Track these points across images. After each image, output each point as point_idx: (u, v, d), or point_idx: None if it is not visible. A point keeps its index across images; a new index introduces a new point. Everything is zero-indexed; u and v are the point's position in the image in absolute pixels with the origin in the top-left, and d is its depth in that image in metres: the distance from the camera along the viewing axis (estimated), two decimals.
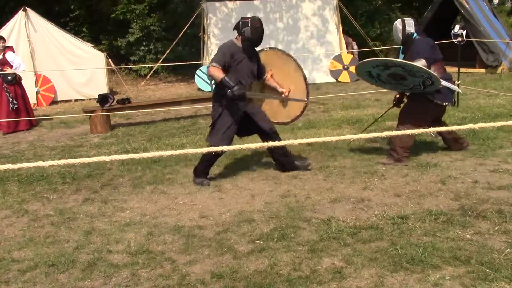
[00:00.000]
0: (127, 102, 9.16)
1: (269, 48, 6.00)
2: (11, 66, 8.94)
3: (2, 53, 9.08)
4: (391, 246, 3.66)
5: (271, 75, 5.58)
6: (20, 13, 12.05)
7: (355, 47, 15.91)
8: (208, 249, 3.79)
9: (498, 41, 13.77)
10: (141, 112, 9.91)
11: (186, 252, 3.76)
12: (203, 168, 5.43)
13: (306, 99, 5.63)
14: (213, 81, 5.47)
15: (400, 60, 5.37)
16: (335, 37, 15.11)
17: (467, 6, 14.18)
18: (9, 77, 8.87)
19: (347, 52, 14.94)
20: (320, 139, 2.68)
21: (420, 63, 5.32)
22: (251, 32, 5.14)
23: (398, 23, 5.75)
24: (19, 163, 6.33)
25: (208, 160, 5.37)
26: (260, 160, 6.07)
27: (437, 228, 3.92)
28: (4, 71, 8.82)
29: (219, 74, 5.05)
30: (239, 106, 5.20)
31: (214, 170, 5.75)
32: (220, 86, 5.13)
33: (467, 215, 4.13)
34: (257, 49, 5.46)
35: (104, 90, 11.94)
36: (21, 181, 5.69)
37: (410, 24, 5.65)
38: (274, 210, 4.51)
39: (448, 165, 5.49)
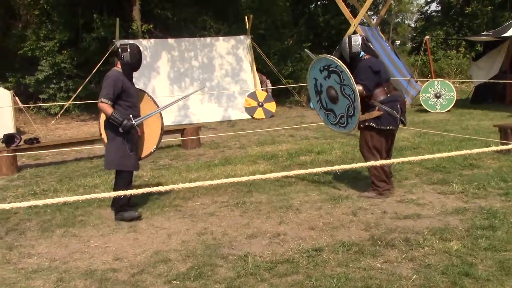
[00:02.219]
0: (35, 142, 8.75)
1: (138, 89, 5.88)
2: None
3: None
4: (306, 278, 3.72)
5: None
6: None
7: (269, 84, 16.37)
8: None
9: (400, 78, 14.72)
10: (51, 152, 9.51)
11: None
12: (124, 202, 5.38)
13: (155, 145, 5.80)
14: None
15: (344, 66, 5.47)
16: (249, 75, 15.49)
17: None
18: None
19: (262, 90, 15.32)
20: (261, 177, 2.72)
21: (357, 88, 5.42)
22: (130, 56, 5.37)
23: (345, 41, 5.81)
24: None
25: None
26: (175, 198, 6.00)
27: (350, 259, 4.05)
28: None
29: (108, 110, 5.19)
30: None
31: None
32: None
33: (377, 245, 4.31)
34: None
35: (11, 129, 11.38)
36: None
37: (357, 43, 5.71)
38: (191, 248, 4.45)
39: (359, 197, 5.72)
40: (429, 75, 18.23)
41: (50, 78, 16.09)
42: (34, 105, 14.95)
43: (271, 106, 14.89)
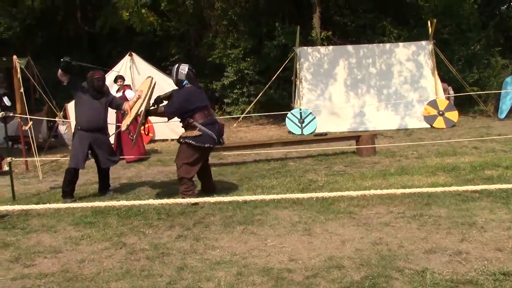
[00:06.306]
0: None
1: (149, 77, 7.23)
2: None
3: (122, 90, 9.90)
4: None
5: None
6: (126, 58, 12.98)
7: (451, 91, 15.43)
8: None
9: None
10: (232, 153, 10.16)
11: None
12: (66, 189, 6.92)
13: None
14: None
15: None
16: (430, 82, 14.78)
17: None
18: None
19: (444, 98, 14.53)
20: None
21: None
22: (87, 81, 7.04)
23: (174, 68, 6.66)
24: (121, 199, 6.72)
25: (67, 178, 6.90)
26: (350, 205, 5.97)
27: None
28: None
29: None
30: (85, 136, 6.85)
31: (304, 213, 5.74)
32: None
33: None
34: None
35: None
36: (120, 215, 5.99)
37: (183, 72, 6.56)
38: (365, 257, 4.39)
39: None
40: None
41: (234, 83, 17.23)
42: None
43: (453, 115, 14.01)
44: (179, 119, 6.69)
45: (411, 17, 18.50)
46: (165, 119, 6.71)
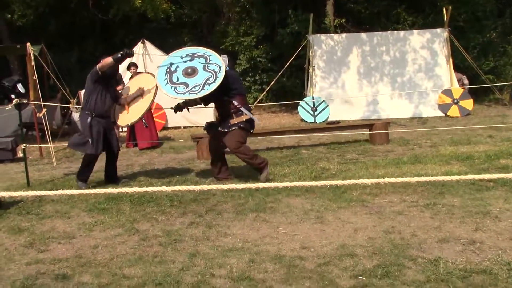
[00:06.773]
0: None
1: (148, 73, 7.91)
2: None
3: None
4: None
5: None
6: (139, 45, 12.99)
7: (466, 81, 15.25)
8: (309, 281, 3.75)
9: None
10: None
11: (287, 282, 3.75)
12: (84, 173, 6.97)
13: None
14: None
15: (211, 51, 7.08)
16: (444, 70, 14.62)
17: None
18: None
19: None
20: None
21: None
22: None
23: None
24: (133, 186, 6.75)
25: (87, 165, 6.95)
26: (362, 193, 5.94)
27: None
28: None
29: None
30: (101, 122, 6.91)
31: (317, 201, 5.72)
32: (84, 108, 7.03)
33: None
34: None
35: (211, 118, 12.39)
36: (133, 202, 6.02)
37: (225, 60, 6.97)
38: (378, 246, 4.37)
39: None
40: None
41: (247, 71, 17.18)
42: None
43: (468, 103, 13.86)
44: (216, 104, 7.07)
45: (426, 4, 18.25)
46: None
